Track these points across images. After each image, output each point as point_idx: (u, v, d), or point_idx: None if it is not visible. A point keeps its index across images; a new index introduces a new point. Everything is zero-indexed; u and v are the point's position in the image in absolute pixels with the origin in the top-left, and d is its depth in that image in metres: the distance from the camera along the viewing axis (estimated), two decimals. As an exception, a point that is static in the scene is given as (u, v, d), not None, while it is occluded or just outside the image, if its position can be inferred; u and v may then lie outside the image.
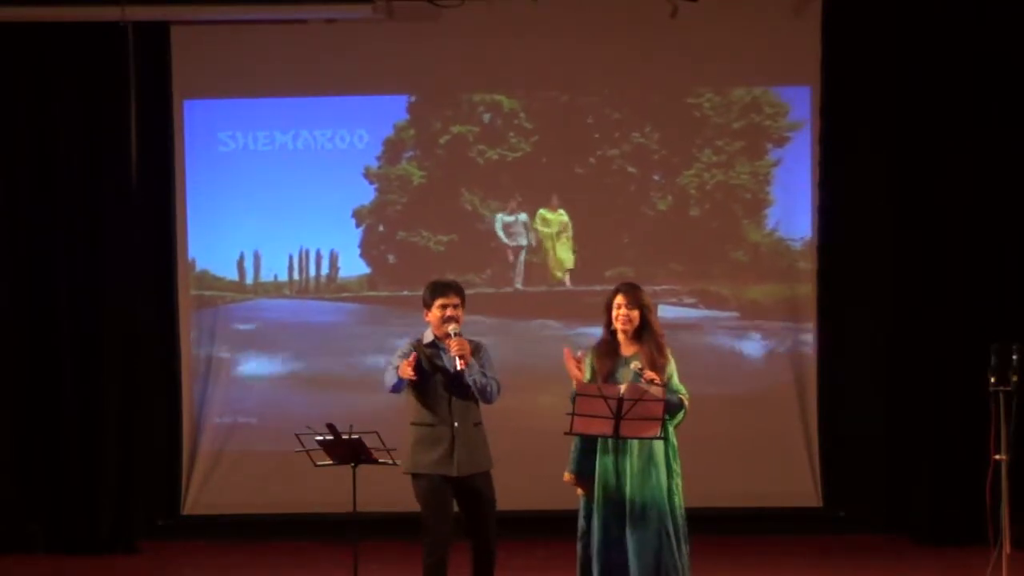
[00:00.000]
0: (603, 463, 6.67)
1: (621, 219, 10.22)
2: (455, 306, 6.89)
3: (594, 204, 10.21)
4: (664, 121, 10.21)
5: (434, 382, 6.87)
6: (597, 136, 10.22)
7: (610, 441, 6.62)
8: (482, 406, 6.95)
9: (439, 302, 6.89)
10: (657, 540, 6.59)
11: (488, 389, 6.91)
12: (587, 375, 6.76)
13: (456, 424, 6.84)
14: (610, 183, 10.21)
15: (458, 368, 6.77)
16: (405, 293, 10.15)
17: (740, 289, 10.17)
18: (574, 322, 9.89)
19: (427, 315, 6.96)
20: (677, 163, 10.21)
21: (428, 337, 6.97)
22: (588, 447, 6.69)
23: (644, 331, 6.74)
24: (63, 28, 9.92)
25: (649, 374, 6.59)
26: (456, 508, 6.93)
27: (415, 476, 6.90)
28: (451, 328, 6.82)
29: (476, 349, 6.94)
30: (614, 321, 6.75)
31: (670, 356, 6.75)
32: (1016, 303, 9.78)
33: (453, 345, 6.78)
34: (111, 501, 9.96)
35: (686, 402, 6.70)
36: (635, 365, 6.63)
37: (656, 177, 10.23)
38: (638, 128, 10.22)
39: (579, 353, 6.75)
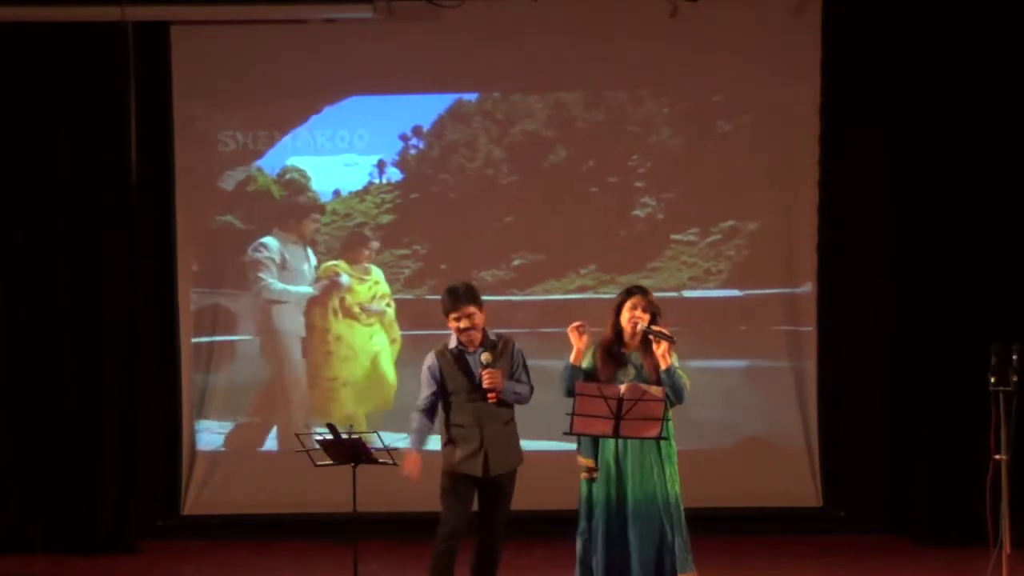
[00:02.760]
0: (604, 460, 6.69)
1: (619, 220, 10.20)
2: (469, 316, 6.92)
3: (593, 204, 10.20)
4: (664, 120, 10.21)
5: (462, 386, 6.93)
6: (596, 136, 10.22)
7: (610, 439, 6.63)
8: None
9: (452, 316, 6.95)
10: (658, 535, 6.61)
11: (520, 399, 7.03)
12: (586, 362, 6.79)
13: (484, 426, 6.89)
14: (610, 183, 10.21)
15: (489, 400, 6.85)
16: (408, 297, 10.22)
17: (739, 288, 10.16)
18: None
19: (448, 322, 7.01)
20: (676, 163, 10.21)
21: (452, 342, 7.04)
22: (594, 437, 6.73)
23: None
24: (63, 28, 9.92)
25: (658, 328, 6.67)
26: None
27: (443, 469, 6.97)
28: (484, 357, 6.88)
29: (504, 351, 6.99)
30: (625, 323, 6.78)
31: (675, 357, 6.78)
32: (1016, 303, 9.77)
33: (486, 378, 6.85)
34: (111, 501, 9.97)
35: (687, 385, 6.73)
36: (656, 327, 6.66)
37: (656, 178, 10.21)
38: (638, 128, 10.21)
39: (580, 324, 6.79)
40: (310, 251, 10.27)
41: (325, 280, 10.25)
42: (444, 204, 10.27)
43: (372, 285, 10.25)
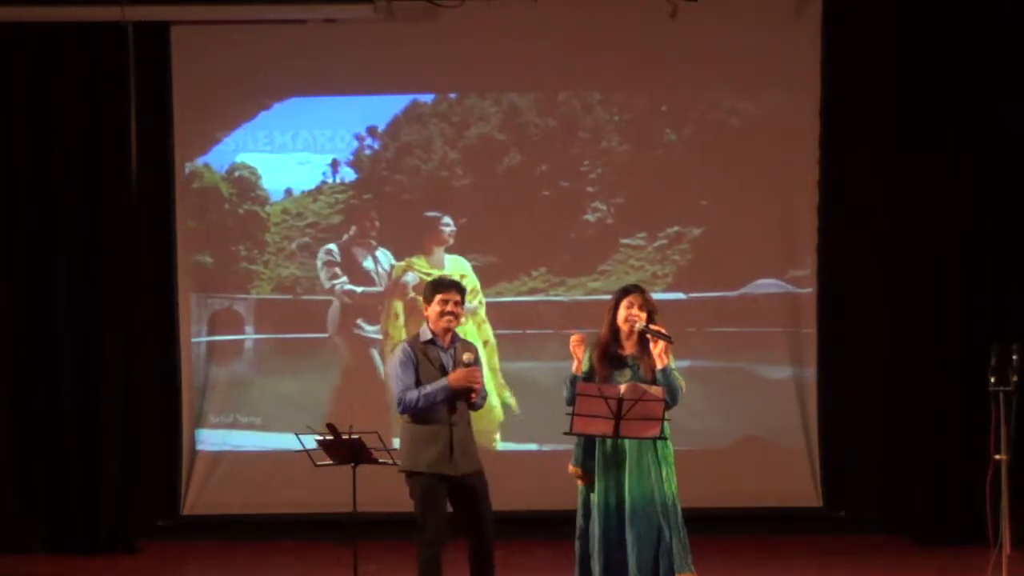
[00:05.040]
0: (602, 461, 6.68)
1: (620, 219, 10.21)
2: (456, 303, 6.92)
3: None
4: (664, 121, 10.21)
5: (432, 379, 6.88)
6: (596, 136, 10.22)
7: (608, 440, 6.63)
8: None
9: (440, 297, 6.93)
10: (656, 536, 6.61)
11: (481, 405, 7.06)
12: (584, 365, 6.77)
13: (454, 423, 6.87)
14: (609, 183, 10.22)
15: (472, 399, 6.87)
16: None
17: (740, 288, 10.16)
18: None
19: (426, 310, 7.00)
20: (677, 163, 10.21)
21: (426, 335, 6.99)
22: (589, 442, 6.71)
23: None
24: (63, 28, 9.93)
25: (655, 327, 6.65)
26: (450, 508, 6.96)
27: (411, 474, 6.91)
28: (467, 357, 6.87)
29: (474, 354, 7.00)
30: (622, 322, 6.76)
31: (672, 358, 6.77)
32: (1016, 303, 9.78)
33: (462, 376, 6.83)
34: (111, 501, 9.97)
35: (683, 387, 6.71)
36: (653, 326, 6.66)
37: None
38: (638, 128, 10.21)
39: (581, 337, 6.78)
40: (380, 250, 10.24)
41: (390, 282, 10.23)
42: (398, 205, 10.26)
43: (457, 279, 10.10)
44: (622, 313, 6.77)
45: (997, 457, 7.61)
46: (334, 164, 10.26)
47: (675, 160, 10.19)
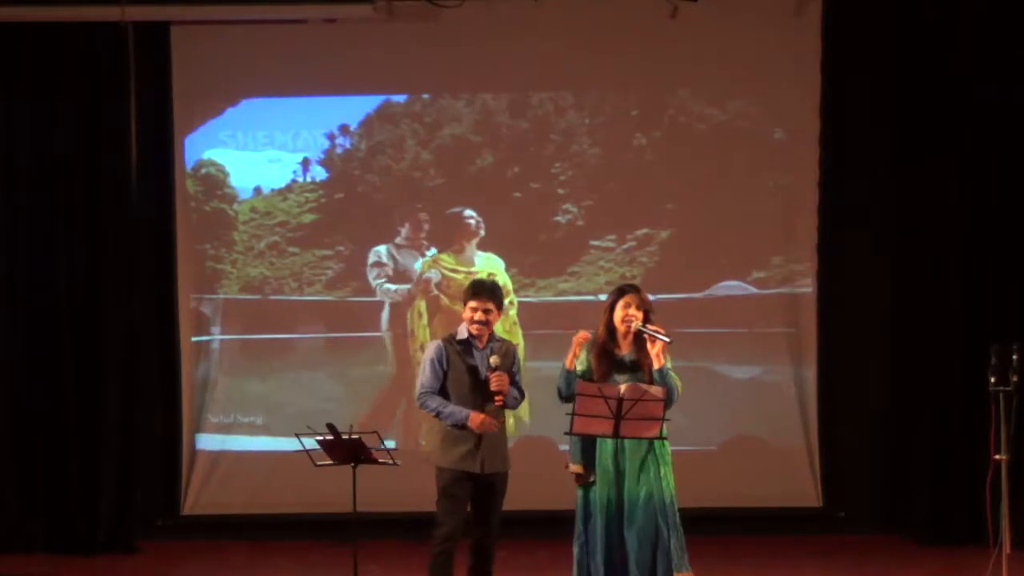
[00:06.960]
0: (602, 462, 6.69)
1: (619, 220, 10.20)
2: (485, 311, 6.94)
3: (593, 205, 10.20)
4: (665, 121, 10.21)
5: (464, 380, 6.93)
6: (596, 137, 10.22)
7: (608, 440, 6.63)
8: None
9: (471, 304, 6.97)
10: (655, 535, 6.61)
11: (515, 405, 7.11)
12: (581, 365, 6.77)
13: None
14: (610, 184, 10.22)
15: (495, 402, 6.88)
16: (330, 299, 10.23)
17: (741, 288, 10.16)
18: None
19: (464, 311, 7.04)
20: (678, 162, 10.21)
21: (462, 334, 7.02)
22: (587, 441, 6.72)
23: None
24: (63, 28, 9.93)
25: (652, 327, 6.66)
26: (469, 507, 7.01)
27: (439, 468, 6.96)
28: (493, 360, 6.88)
29: (507, 354, 7.02)
30: (618, 322, 6.76)
31: (669, 357, 6.76)
32: (1016, 303, 9.78)
33: (494, 381, 6.86)
34: (111, 501, 9.96)
35: (680, 387, 6.72)
36: (650, 326, 6.66)
37: (658, 177, 10.22)
38: (638, 129, 10.21)
39: (585, 335, 6.79)
40: (432, 251, 10.20)
41: (414, 280, 10.20)
42: (369, 205, 10.26)
43: (497, 285, 10.03)
44: (619, 313, 6.77)
45: (997, 457, 7.62)
46: (305, 163, 10.25)
47: (674, 160, 10.19)
